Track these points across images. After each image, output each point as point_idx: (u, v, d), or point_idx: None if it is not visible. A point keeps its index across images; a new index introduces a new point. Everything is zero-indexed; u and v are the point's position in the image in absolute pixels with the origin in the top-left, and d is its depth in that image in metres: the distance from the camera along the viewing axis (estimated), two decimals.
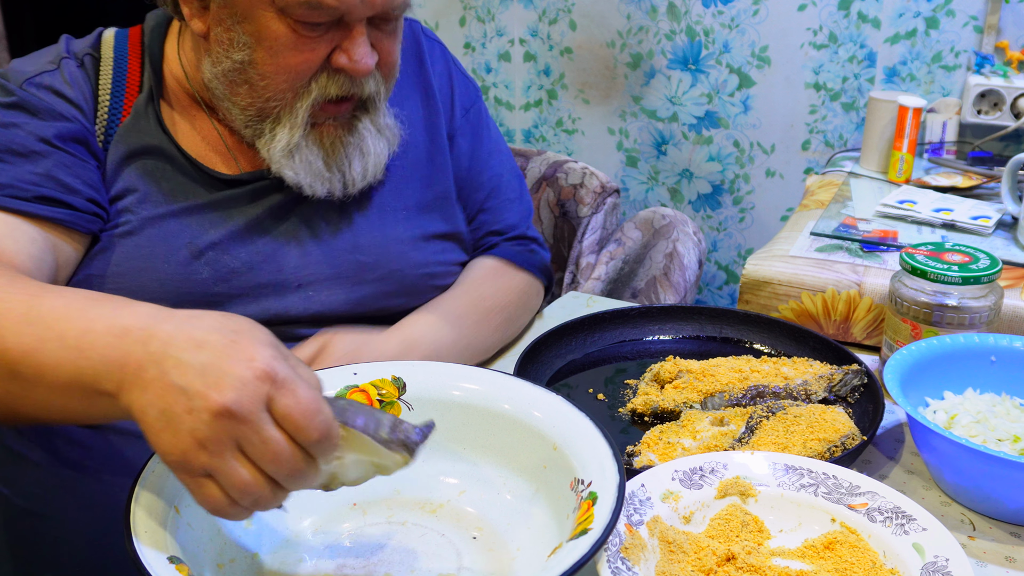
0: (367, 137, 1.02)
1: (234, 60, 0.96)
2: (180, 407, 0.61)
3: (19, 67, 1.00)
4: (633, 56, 2.34)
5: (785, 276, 1.32)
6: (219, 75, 0.98)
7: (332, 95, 0.98)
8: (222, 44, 0.96)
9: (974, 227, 1.46)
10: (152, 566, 0.61)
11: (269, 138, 0.99)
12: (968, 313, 1.00)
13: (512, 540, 0.77)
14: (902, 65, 2.12)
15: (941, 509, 0.88)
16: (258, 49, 0.94)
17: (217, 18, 0.95)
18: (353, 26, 0.94)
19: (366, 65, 0.96)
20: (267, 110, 0.98)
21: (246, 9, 0.93)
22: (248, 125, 1.01)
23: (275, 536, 0.77)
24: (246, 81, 0.97)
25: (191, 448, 0.60)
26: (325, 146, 1.01)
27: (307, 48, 0.94)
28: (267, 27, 0.93)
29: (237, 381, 0.61)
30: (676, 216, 2.08)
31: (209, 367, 0.61)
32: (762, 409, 0.94)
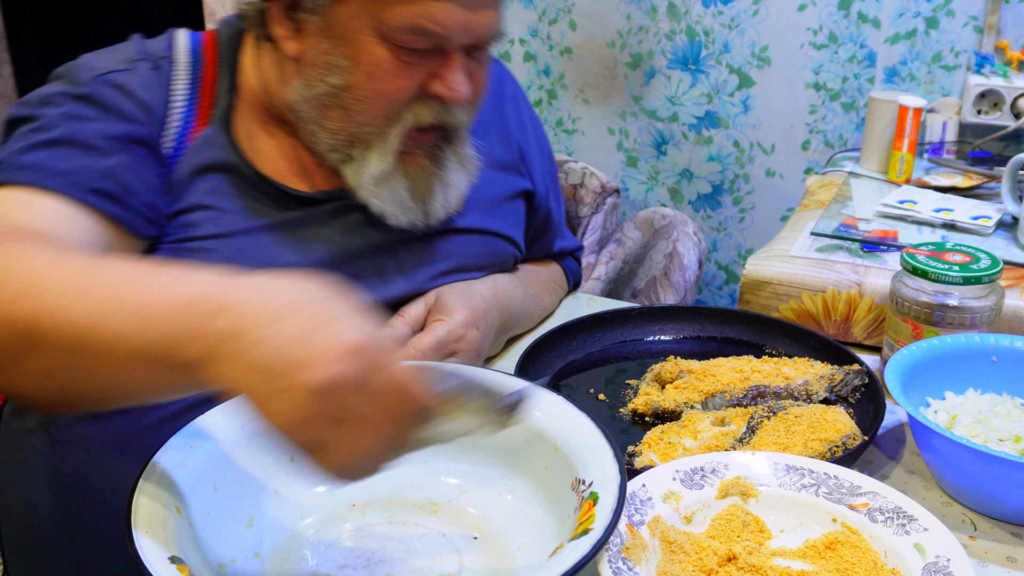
0: (450, 168, 1.03)
1: (329, 84, 0.95)
2: (271, 387, 0.58)
3: (90, 62, 0.97)
4: (633, 56, 2.34)
5: (785, 276, 1.32)
6: (310, 98, 0.97)
7: (424, 123, 0.97)
8: (317, 67, 0.95)
9: (974, 227, 1.46)
10: (153, 566, 0.61)
11: (359, 165, 0.98)
12: (969, 313, 1.00)
13: (513, 540, 0.77)
14: (902, 65, 2.12)
15: (942, 509, 0.88)
16: (356, 73, 0.94)
17: (314, 42, 0.95)
18: (451, 54, 0.94)
19: (462, 93, 0.96)
20: (359, 135, 0.97)
21: (346, 32, 0.92)
22: (335, 150, 0.99)
23: (276, 536, 0.76)
24: (340, 105, 0.96)
25: (292, 427, 0.59)
26: (411, 176, 1.00)
27: (405, 74, 0.94)
28: (367, 51, 0.92)
29: (326, 358, 0.58)
30: (676, 216, 2.08)
31: (294, 344, 0.58)
32: (763, 409, 0.94)
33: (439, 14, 0.90)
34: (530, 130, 1.23)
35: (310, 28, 0.94)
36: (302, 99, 0.98)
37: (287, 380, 0.58)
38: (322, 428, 0.59)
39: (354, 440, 0.60)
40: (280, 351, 0.58)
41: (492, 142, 1.15)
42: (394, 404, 0.60)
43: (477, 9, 0.93)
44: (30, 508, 0.97)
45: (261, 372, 0.58)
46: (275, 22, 0.96)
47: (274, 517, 0.78)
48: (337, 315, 0.60)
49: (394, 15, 0.90)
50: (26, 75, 2.98)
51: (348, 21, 0.92)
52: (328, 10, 0.93)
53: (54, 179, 0.88)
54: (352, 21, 0.92)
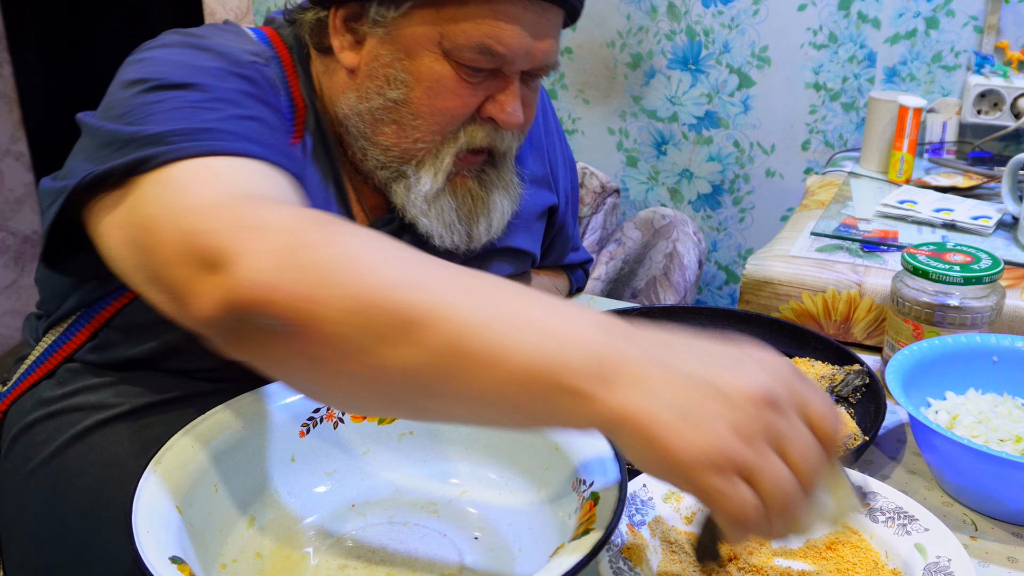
0: (494, 192, 1.02)
1: (387, 98, 0.94)
2: (709, 398, 0.53)
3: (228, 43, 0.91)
4: (633, 56, 2.34)
5: (785, 276, 1.32)
6: (364, 112, 0.96)
7: (476, 144, 0.97)
8: (376, 80, 0.94)
9: (974, 227, 1.46)
10: (154, 566, 0.61)
11: (411, 181, 0.97)
12: (970, 313, 1.00)
13: (514, 540, 0.77)
14: (902, 65, 2.12)
15: (943, 509, 0.88)
16: (416, 88, 0.93)
17: (374, 54, 0.94)
18: (510, 78, 0.94)
19: (517, 118, 0.96)
20: (412, 152, 0.97)
21: (409, 47, 0.92)
22: (385, 167, 0.98)
23: (277, 536, 0.76)
24: (395, 120, 0.95)
25: (728, 440, 0.53)
26: (459, 198, 1.00)
27: (466, 93, 0.94)
28: (430, 67, 0.92)
29: (767, 368, 0.55)
30: (676, 216, 2.08)
31: (727, 356, 0.56)
32: None
33: (506, 36, 0.90)
34: (557, 141, 1.23)
35: (371, 39, 0.93)
36: (354, 112, 0.97)
37: (733, 388, 0.54)
38: (758, 441, 0.53)
39: (782, 465, 0.54)
40: (714, 363, 0.56)
41: (528, 157, 1.16)
42: (823, 421, 0.56)
43: (541, 37, 0.93)
44: (35, 522, 0.95)
45: (700, 384, 0.54)
46: (335, 32, 0.95)
47: (275, 517, 0.78)
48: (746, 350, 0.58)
49: (462, 32, 0.90)
50: (26, 75, 2.98)
51: (413, 35, 0.91)
52: (394, 22, 0.92)
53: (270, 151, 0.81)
54: (417, 35, 0.91)
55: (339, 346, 0.59)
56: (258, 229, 0.63)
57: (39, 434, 0.95)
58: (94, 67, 3.05)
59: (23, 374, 1.00)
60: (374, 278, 0.59)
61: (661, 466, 0.55)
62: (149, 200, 0.74)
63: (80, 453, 0.93)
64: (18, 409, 0.99)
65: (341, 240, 0.62)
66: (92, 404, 0.94)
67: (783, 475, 0.54)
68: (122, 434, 0.92)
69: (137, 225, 0.74)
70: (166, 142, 0.77)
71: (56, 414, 0.95)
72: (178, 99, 0.82)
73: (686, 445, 0.53)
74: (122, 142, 0.79)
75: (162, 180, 0.74)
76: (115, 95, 0.85)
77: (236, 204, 0.68)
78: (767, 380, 0.55)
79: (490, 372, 0.57)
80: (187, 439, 0.74)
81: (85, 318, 0.96)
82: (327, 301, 0.59)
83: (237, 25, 0.99)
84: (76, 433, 0.93)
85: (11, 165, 3.00)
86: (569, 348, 0.56)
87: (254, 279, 0.60)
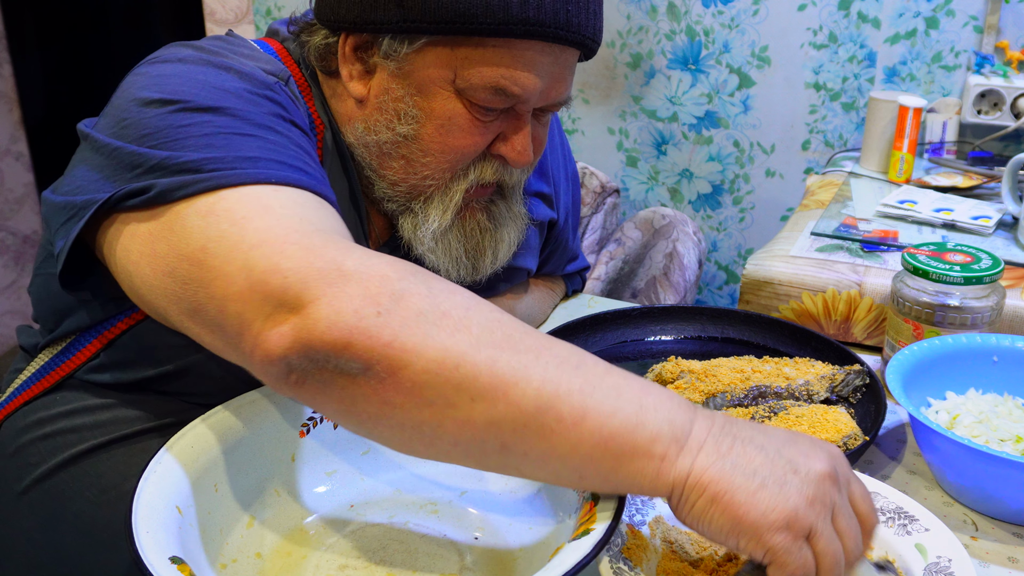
0: (503, 227, 1.01)
1: (397, 133, 0.92)
2: (787, 472, 0.62)
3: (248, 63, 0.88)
4: (633, 56, 2.34)
5: (786, 276, 1.32)
6: (371, 144, 0.94)
7: (487, 180, 0.96)
8: (385, 113, 0.92)
9: (974, 227, 1.46)
10: (154, 566, 0.60)
11: (419, 219, 0.96)
12: (970, 313, 1.00)
13: (514, 540, 0.77)
14: (902, 65, 2.12)
15: (943, 509, 0.88)
16: (427, 125, 0.91)
17: (384, 87, 0.91)
18: (522, 116, 0.93)
19: (528, 157, 0.94)
20: (420, 188, 0.95)
21: (422, 83, 0.90)
22: (392, 200, 0.97)
23: (277, 536, 0.76)
24: (403, 156, 0.93)
25: (802, 508, 0.61)
26: (466, 232, 0.98)
27: (477, 131, 0.92)
28: (442, 105, 0.90)
29: (828, 454, 0.65)
30: (676, 216, 2.08)
31: (792, 439, 0.65)
32: (764, 409, 0.94)
33: (521, 78, 0.88)
34: (561, 158, 1.22)
35: (382, 71, 0.91)
36: (361, 143, 0.95)
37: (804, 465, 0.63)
38: (816, 513, 0.61)
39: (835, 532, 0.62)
40: (782, 442, 0.64)
41: (533, 173, 1.15)
42: (866, 507, 0.65)
43: (557, 78, 0.92)
44: (30, 544, 0.93)
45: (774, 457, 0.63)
46: (343, 60, 0.93)
47: (275, 517, 0.78)
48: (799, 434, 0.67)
49: (477, 73, 0.88)
50: (26, 75, 2.98)
51: (426, 71, 0.89)
52: (407, 57, 0.89)
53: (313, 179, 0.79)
54: (431, 72, 0.89)
55: (420, 394, 0.62)
56: (338, 271, 0.63)
57: (33, 455, 0.93)
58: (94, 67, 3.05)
59: (17, 389, 0.97)
60: (466, 335, 0.63)
61: (726, 525, 0.62)
62: (195, 231, 0.71)
63: (75, 476, 0.91)
64: (11, 426, 0.96)
65: (432, 293, 0.64)
66: (88, 426, 0.92)
67: (837, 543, 0.62)
68: (117, 458, 0.91)
69: (181, 256, 0.71)
70: (205, 170, 0.74)
71: (51, 435, 0.92)
72: (209, 124, 0.78)
73: (763, 507, 0.61)
74: (149, 166, 0.76)
75: (207, 210, 0.71)
76: (131, 113, 0.81)
77: (303, 241, 0.67)
78: (831, 461, 0.64)
79: (571, 431, 0.62)
80: (187, 439, 0.74)
81: (87, 338, 0.93)
82: (418, 351, 0.61)
83: (242, 38, 0.96)
84: (71, 456, 0.91)
85: (11, 165, 3.00)
86: (649, 414, 0.63)
87: (339, 320, 0.61)
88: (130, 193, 0.75)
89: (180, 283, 0.71)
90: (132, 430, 0.91)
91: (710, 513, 0.62)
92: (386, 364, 0.61)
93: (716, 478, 0.61)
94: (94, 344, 0.92)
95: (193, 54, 0.87)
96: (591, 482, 0.65)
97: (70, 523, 0.91)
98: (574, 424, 0.62)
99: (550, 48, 0.89)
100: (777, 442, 0.64)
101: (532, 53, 0.88)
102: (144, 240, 0.74)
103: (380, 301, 0.62)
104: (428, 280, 0.66)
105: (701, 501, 0.62)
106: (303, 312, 0.62)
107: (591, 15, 0.90)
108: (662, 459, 0.62)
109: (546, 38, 0.87)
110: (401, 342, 0.61)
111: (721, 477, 0.61)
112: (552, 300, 1.32)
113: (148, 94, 0.81)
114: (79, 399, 0.93)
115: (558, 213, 1.21)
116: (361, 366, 0.61)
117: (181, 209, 0.73)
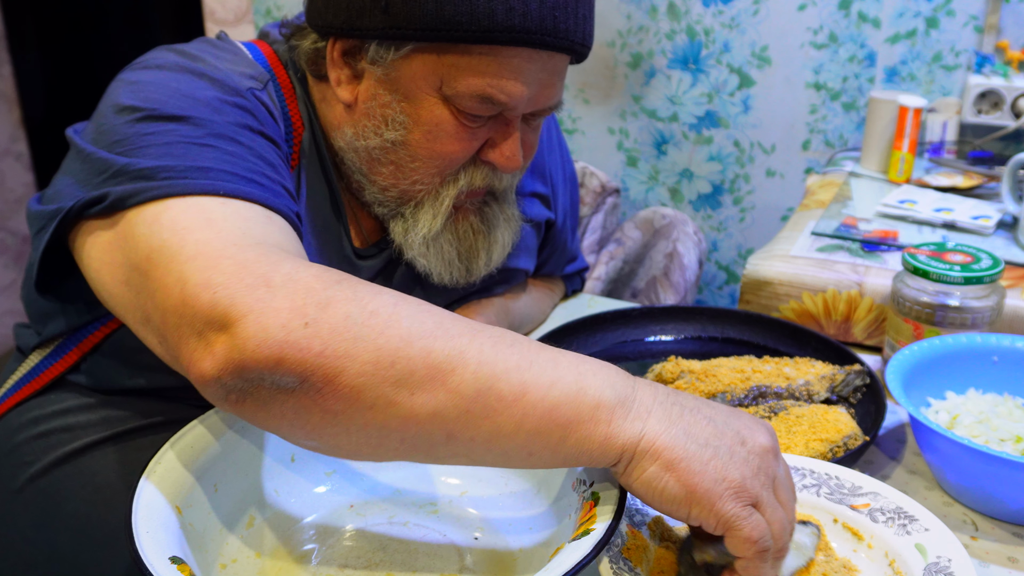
0: (496, 226, 1.01)
1: (385, 139, 0.92)
2: (735, 443, 0.64)
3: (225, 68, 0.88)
4: (633, 56, 2.34)
5: (786, 276, 1.32)
6: (360, 149, 0.94)
7: (477, 186, 0.96)
8: (373, 119, 0.92)
9: (975, 227, 1.46)
10: (154, 566, 0.60)
11: (409, 223, 0.96)
12: (970, 313, 1.00)
13: (514, 541, 0.77)
14: (902, 65, 2.12)
15: (943, 510, 0.88)
16: (414, 131, 0.91)
17: (372, 93, 0.91)
18: (511, 122, 0.92)
19: (517, 163, 0.94)
20: (410, 193, 0.95)
21: (409, 89, 0.89)
22: (383, 204, 0.97)
23: (277, 536, 0.76)
24: (392, 161, 0.93)
25: (749, 476, 0.63)
26: (459, 234, 0.99)
27: (465, 138, 0.92)
28: (429, 111, 0.90)
29: (767, 429, 0.67)
30: (676, 216, 2.08)
31: (734, 413, 0.67)
32: (764, 410, 0.94)
33: (508, 86, 0.88)
34: (559, 158, 1.22)
35: (369, 77, 0.91)
36: (351, 148, 0.95)
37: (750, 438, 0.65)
38: (761, 484, 0.64)
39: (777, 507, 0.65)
40: (726, 416, 0.66)
41: (527, 175, 1.15)
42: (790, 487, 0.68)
43: (545, 84, 0.91)
44: (25, 543, 0.93)
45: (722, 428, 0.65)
46: (332, 64, 0.93)
47: (275, 517, 0.78)
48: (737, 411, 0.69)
49: (463, 81, 0.87)
50: (26, 75, 2.98)
51: (413, 78, 0.89)
52: (394, 63, 0.89)
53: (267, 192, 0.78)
54: (417, 79, 0.89)
55: (359, 398, 0.61)
56: (266, 286, 0.63)
57: (27, 454, 0.93)
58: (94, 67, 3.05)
59: (11, 389, 0.98)
60: (397, 330, 0.62)
61: (679, 493, 0.62)
62: (141, 240, 0.71)
63: (69, 475, 0.91)
64: (6, 425, 0.96)
65: (357, 296, 0.63)
66: (81, 424, 0.92)
67: (781, 511, 0.65)
68: (111, 457, 0.91)
69: (131, 266, 0.71)
70: (157, 178, 0.74)
71: (45, 434, 0.93)
72: (171, 133, 0.79)
73: (715, 476, 0.62)
74: (111, 172, 0.76)
75: (152, 219, 0.72)
76: (107, 119, 0.82)
77: (238, 255, 0.66)
78: (771, 436, 0.67)
79: (516, 408, 0.62)
80: (187, 439, 0.74)
81: (71, 343, 0.94)
82: (351, 355, 0.61)
83: (232, 41, 0.96)
84: (64, 454, 0.91)
85: (11, 165, 3.00)
86: (588, 380, 0.64)
87: (267, 337, 0.60)
88: (89, 202, 0.76)
89: (133, 292, 0.71)
90: (124, 428, 0.92)
91: (663, 480, 0.62)
92: (321, 374, 0.60)
93: (670, 445, 0.62)
94: (78, 349, 0.93)
95: (173, 60, 0.87)
96: (541, 457, 0.64)
97: (65, 522, 0.91)
98: (515, 400, 0.62)
99: (537, 55, 0.88)
100: (722, 414, 0.66)
101: (519, 60, 0.87)
102: (103, 248, 0.75)
103: (306, 311, 0.61)
104: (354, 285, 0.65)
105: (654, 467, 0.62)
106: (231, 331, 0.61)
107: (580, 20, 0.89)
108: (608, 424, 0.63)
109: (533, 44, 0.86)
110: (332, 349, 0.60)
111: (675, 444, 0.62)
112: (551, 301, 1.32)
113: (123, 100, 0.82)
114: (72, 398, 0.94)
115: (556, 214, 1.21)
116: (296, 380, 0.61)
117: (132, 217, 0.73)
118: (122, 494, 0.72)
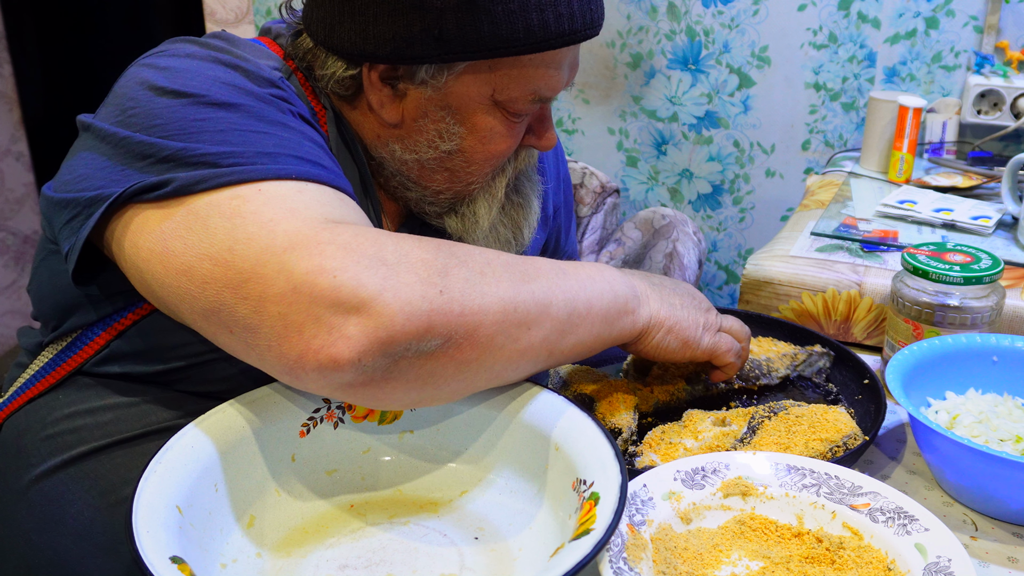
0: (530, 196, 1.05)
1: (440, 151, 0.95)
2: (687, 301, 0.91)
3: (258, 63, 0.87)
4: (633, 56, 2.34)
5: (785, 276, 1.32)
6: (411, 161, 0.96)
7: (520, 169, 1.01)
8: (426, 134, 0.94)
9: (974, 227, 1.46)
10: (154, 566, 0.61)
11: (468, 220, 1.00)
12: (970, 313, 1.00)
13: (514, 540, 0.77)
14: (902, 65, 2.12)
15: (943, 509, 0.88)
16: (468, 139, 0.94)
17: (422, 111, 0.93)
18: (545, 107, 0.98)
19: (555, 141, 1.00)
20: (464, 193, 0.99)
21: (462, 103, 0.92)
22: (435, 204, 1.00)
23: (277, 536, 0.76)
24: (447, 168, 0.96)
25: (707, 316, 0.92)
26: (509, 215, 1.03)
27: (514, 134, 0.96)
28: (483, 119, 0.93)
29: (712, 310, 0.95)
30: (676, 216, 2.08)
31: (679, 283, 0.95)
32: (764, 409, 0.94)
33: (554, 80, 0.93)
34: (552, 155, 1.23)
35: (416, 96, 0.92)
36: (399, 160, 0.97)
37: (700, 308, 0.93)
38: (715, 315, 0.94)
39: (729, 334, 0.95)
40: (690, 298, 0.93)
41: None
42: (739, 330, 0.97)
43: (573, 67, 0.96)
44: (27, 546, 0.91)
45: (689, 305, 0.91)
46: (371, 88, 0.93)
47: (275, 517, 0.78)
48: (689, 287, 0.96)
49: (516, 87, 0.91)
50: (26, 75, 2.98)
51: (466, 92, 0.91)
52: (445, 82, 0.91)
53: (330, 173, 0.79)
54: (471, 92, 0.91)
55: (492, 344, 0.72)
56: (382, 264, 0.67)
57: (33, 455, 0.92)
58: (94, 67, 3.05)
59: (21, 387, 0.96)
60: (506, 280, 0.74)
61: (679, 343, 0.89)
62: (218, 231, 0.69)
63: (74, 478, 0.90)
64: (13, 425, 0.95)
65: (462, 258, 0.72)
66: (88, 427, 0.91)
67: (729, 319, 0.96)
68: (117, 462, 0.90)
69: (204, 256, 0.69)
70: (223, 164, 0.73)
71: (52, 436, 0.91)
72: (224, 120, 0.77)
73: (693, 325, 0.90)
74: (160, 157, 0.74)
75: (228, 210, 0.70)
76: (140, 102, 0.79)
77: (336, 238, 0.67)
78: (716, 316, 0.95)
79: (587, 320, 0.80)
80: (187, 439, 0.74)
81: (94, 331, 0.91)
82: (484, 309, 0.71)
83: (237, 36, 0.95)
84: (71, 457, 0.90)
85: (11, 165, 3.00)
86: (616, 286, 0.84)
87: (413, 310, 0.66)
88: (146, 188, 0.73)
89: (198, 283, 0.70)
90: (132, 433, 0.91)
91: (667, 341, 0.88)
92: (463, 331, 0.69)
93: (667, 316, 0.88)
94: (103, 336, 0.90)
95: (200, 51, 0.86)
96: (595, 348, 0.83)
97: (69, 526, 0.90)
98: (588, 313, 0.80)
99: (574, 45, 0.93)
100: (676, 284, 0.94)
101: (560, 55, 0.92)
102: (155, 236, 0.73)
103: (434, 281, 0.68)
104: (450, 248, 0.73)
105: (660, 333, 0.88)
106: (367, 311, 0.64)
107: (600, 5, 0.95)
108: (633, 313, 0.85)
109: (577, 41, 0.92)
110: (468, 308, 0.70)
111: (670, 315, 0.88)
112: None
113: (161, 84, 0.80)
114: (81, 400, 0.92)
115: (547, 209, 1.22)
116: (440, 342, 0.68)
117: (198, 207, 0.72)
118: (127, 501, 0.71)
